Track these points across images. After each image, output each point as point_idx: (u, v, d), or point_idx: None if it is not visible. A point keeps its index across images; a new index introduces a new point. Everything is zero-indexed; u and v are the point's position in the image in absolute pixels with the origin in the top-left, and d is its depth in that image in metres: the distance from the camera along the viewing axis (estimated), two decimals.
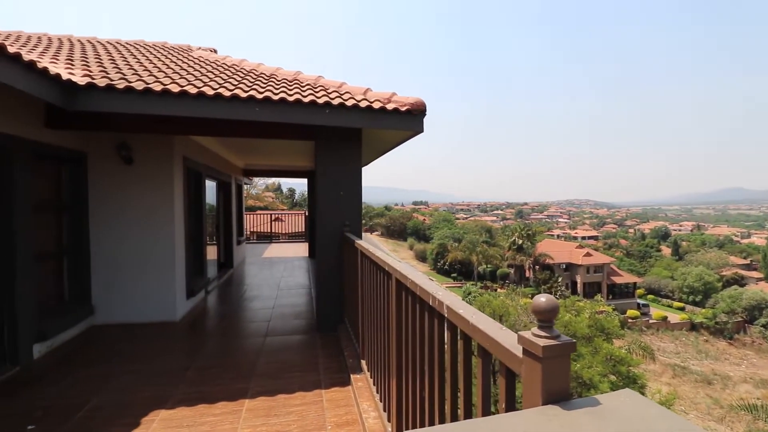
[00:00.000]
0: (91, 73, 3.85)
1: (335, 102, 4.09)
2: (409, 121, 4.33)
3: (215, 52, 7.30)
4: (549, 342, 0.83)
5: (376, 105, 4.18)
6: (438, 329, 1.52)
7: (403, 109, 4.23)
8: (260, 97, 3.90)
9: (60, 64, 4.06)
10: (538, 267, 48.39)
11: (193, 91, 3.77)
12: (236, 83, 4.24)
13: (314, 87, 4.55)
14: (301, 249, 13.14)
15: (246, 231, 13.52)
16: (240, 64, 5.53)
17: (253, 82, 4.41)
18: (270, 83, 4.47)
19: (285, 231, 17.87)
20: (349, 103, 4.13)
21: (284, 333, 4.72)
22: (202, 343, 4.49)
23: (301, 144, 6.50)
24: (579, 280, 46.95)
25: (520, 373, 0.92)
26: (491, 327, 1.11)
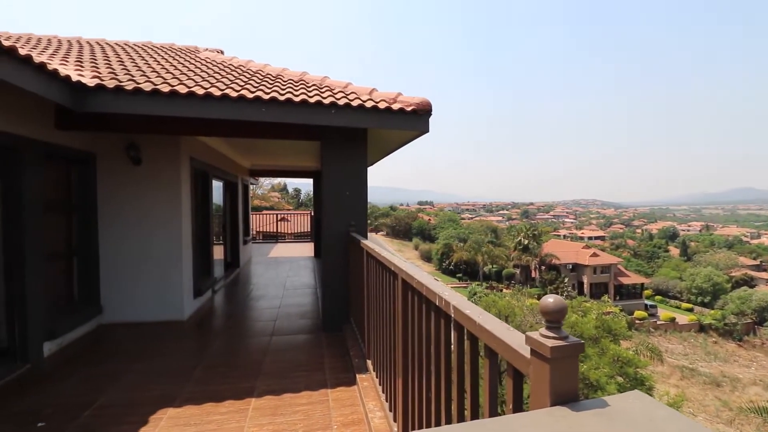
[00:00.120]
0: (100, 75, 3.90)
1: (341, 102, 4.10)
2: (414, 121, 4.33)
3: (222, 53, 7.34)
4: (557, 343, 0.82)
5: (381, 105, 4.19)
6: (444, 329, 1.52)
7: (409, 109, 4.23)
8: (267, 97, 3.92)
9: (69, 65, 4.11)
10: (544, 267, 48.11)
11: (201, 92, 3.79)
12: (243, 84, 4.27)
13: (320, 87, 4.57)
14: (307, 249, 13.19)
15: (252, 231, 13.60)
16: (246, 65, 5.56)
17: (260, 83, 4.44)
18: (276, 84, 4.50)
19: (291, 231, 17.97)
20: (355, 103, 4.14)
21: (290, 332, 4.74)
22: (209, 342, 4.52)
23: (307, 144, 6.52)
24: (585, 280, 46.60)
25: (527, 374, 0.91)
26: (498, 327, 1.11)
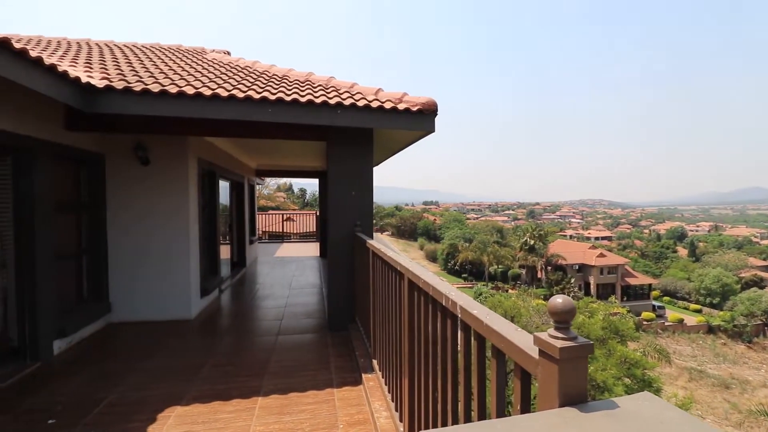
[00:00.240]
0: (109, 76, 3.94)
1: (347, 102, 4.11)
2: (420, 120, 4.33)
3: (228, 54, 7.39)
4: (566, 343, 0.82)
5: (387, 105, 4.19)
6: (451, 330, 1.52)
7: (415, 109, 4.23)
8: (273, 98, 3.94)
9: (79, 67, 4.16)
10: (550, 268, 47.78)
11: (208, 93, 3.82)
12: (249, 85, 4.30)
13: (326, 88, 4.58)
14: (313, 248, 13.22)
15: (258, 231, 13.67)
16: (253, 66, 5.59)
17: (266, 84, 4.46)
18: (282, 84, 4.52)
19: (296, 231, 18.03)
20: (361, 103, 4.15)
21: (296, 332, 4.76)
22: (216, 341, 4.55)
23: (312, 144, 6.54)
24: (592, 281, 46.21)
25: (535, 375, 0.91)
26: (506, 328, 1.10)
